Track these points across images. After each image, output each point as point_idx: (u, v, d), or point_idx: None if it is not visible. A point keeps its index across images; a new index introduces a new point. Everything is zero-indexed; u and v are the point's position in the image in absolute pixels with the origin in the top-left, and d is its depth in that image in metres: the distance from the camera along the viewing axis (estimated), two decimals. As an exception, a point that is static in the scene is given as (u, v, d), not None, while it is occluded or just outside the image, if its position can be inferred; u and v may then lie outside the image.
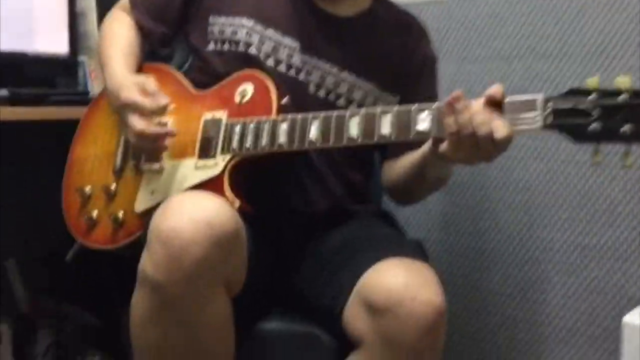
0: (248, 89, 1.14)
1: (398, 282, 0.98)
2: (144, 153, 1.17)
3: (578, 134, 0.90)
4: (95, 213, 1.21)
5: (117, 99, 1.14)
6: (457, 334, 1.61)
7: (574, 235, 1.47)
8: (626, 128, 0.87)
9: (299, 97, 1.15)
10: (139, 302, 0.98)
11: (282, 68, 1.19)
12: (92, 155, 1.27)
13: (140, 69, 1.25)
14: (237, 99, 1.14)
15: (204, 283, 0.95)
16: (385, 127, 1.00)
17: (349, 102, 1.21)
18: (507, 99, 0.94)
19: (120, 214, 1.18)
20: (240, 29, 1.20)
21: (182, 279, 0.93)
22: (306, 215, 1.20)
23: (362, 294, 1.02)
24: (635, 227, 1.40)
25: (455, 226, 1.63)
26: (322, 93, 1.20)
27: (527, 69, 1.50)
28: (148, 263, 0.95)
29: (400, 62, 1.25)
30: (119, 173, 1.22)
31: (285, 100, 1.12)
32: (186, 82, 1.23)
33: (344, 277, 1.07)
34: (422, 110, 0.99)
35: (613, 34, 1.41)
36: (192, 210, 0.95)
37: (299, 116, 1.06)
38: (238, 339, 1.04)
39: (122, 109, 1.12)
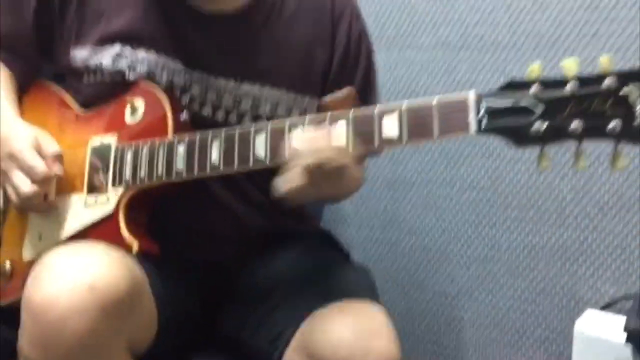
0: (139, 105, 0.96)
1: (346, 334, 0.86)
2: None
3: (519, 137, 0.73)
4: None
5: (4, 145, 0.95)
6: (401, 334, 1.54)
7: (522, 235, 1.40)
8: (576, 125, 0.71)
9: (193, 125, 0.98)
10: None
11: None
12: None
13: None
14: (127, 118, 0.97)
15: (93, 356, 0.80)
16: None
17: (256, 118, 1.01)
18: (435, 99, 0.78)
19: (7, 265, 1.00)
20: (106, 57, 0.99)
21: (63, 357, 0.77)
22: (232, 240, 1.04)
23: (306, 344, 0.89)
24: (584, 228, 1.33)
25: (399, 224, 1.54)
26: (220, 115, 1.00)
27: (475, 60, 1.39)
28: (23, 341, 0.80)
29: (316, 54, 1.03)
30: (1, 215, 1.04)
31: (183, 116, 0.96)
32: (70, 101, 1.06)
33: (283, 319, 0.95)
34: (338, 119, 0.83)
35: (567, 24, 1.29)
36: (69, 272, 0.78)
37: (198, 136, 0.91)
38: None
39: (7, 160, 0.95)
